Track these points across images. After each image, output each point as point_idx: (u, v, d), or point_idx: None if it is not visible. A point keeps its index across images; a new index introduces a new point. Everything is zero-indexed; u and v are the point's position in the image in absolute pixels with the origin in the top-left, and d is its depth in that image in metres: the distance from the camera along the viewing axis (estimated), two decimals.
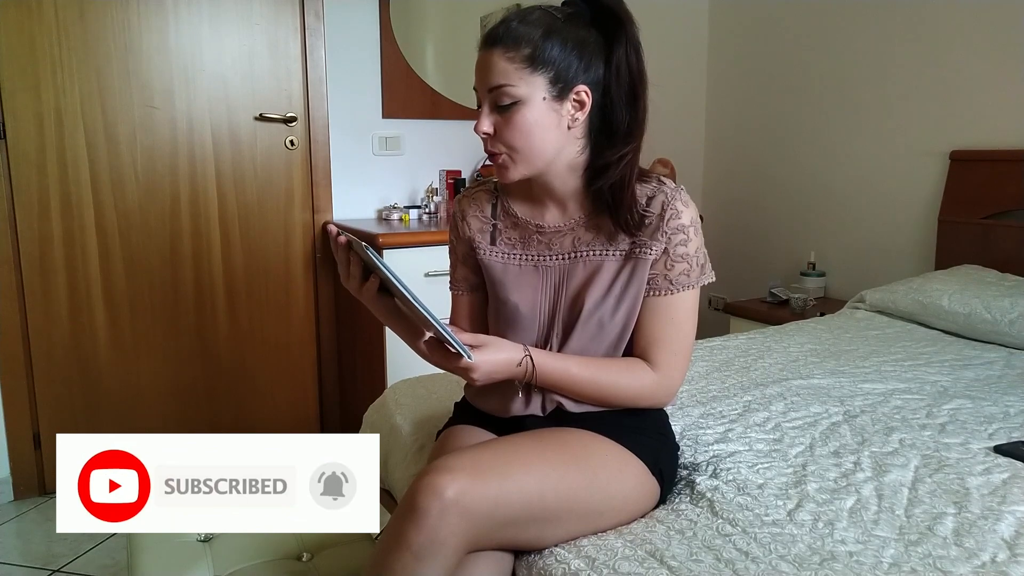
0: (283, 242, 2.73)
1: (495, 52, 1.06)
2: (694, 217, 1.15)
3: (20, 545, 2.18)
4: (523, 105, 1.06)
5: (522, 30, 1.06)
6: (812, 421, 1.47)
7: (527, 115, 1.07)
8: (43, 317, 2.40)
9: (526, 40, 1.05)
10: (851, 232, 3.03)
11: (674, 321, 1.15)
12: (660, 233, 1.12)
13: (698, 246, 1.15)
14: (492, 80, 1.06)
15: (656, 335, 1.15)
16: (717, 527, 1.07)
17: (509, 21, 1.07)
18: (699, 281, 1.16)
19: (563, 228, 1.18)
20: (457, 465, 0.97)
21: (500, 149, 1.10)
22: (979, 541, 1.02)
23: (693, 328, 1.18)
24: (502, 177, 1.14)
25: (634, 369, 1.15)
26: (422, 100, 2.90)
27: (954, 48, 2.62)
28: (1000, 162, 2.49)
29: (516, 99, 1.06)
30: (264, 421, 2.78)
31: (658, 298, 1.15)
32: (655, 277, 1.14)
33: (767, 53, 3.28)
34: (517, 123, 1.07)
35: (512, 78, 1.05)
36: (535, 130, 1.08)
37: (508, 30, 1.06)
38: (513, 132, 1.08)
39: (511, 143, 1.09)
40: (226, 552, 1.31)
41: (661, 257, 1.13)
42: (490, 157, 1.13)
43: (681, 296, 1.15)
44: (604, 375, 1.14)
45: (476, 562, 1.01)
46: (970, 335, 2.13)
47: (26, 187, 2.33)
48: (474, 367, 1.07)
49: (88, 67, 2.36)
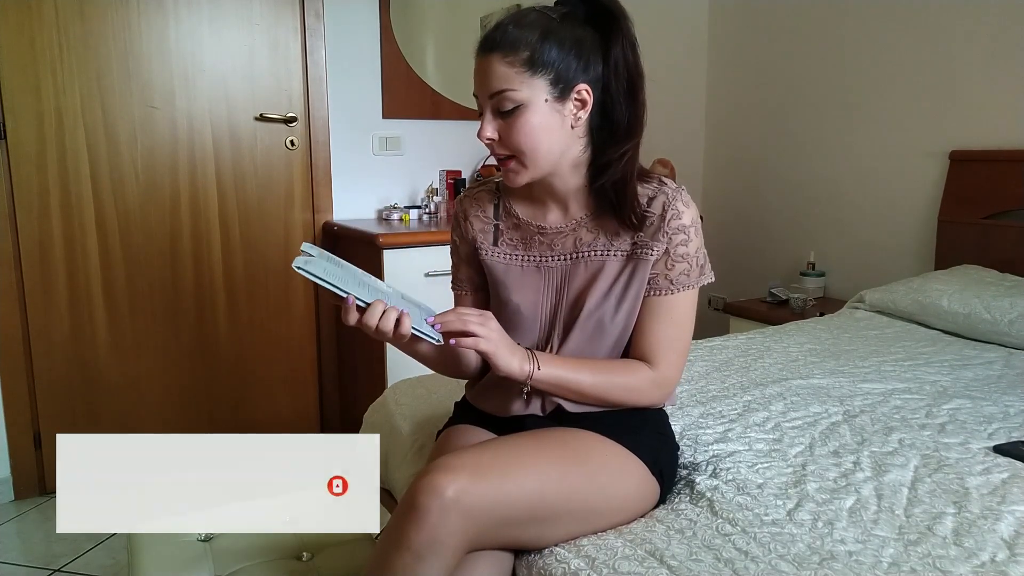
0: (283, 242, 2.73)
1: (493, 57, 1.06)
2: (695, 217, 1.15)
3: (20, 545, 2.18)
4: (526, 109, 1.06)
5: (518, 33, 1.05)
6: (812, 421, 1.47)
7: (531, 118, 1.06)
8: (43, 317, 2.40)
9: (524, 43, 1.05)
10: (851, 232, 3.03)
11: (673, 321, 1.15)
12: (661, 233, 1.12)
13: (698, 246, 1.15)
14: (493, 86, 1.06)
15: (655, 335, 1.15)
16: (717, 527, 1.07)
17: (505, 25, 1.07)
18: (699, 281, 1.16)
19: (564, 229, 1.18)
20: (457, 464, 0.97)
21: (507, 154, 1.10)
22: (979, 541, 1.02)
23: (691, 328, 1.19)
24: (512, 182, 1.13)
25: (633, 369, 1.15)
26: (422, 100, 2.90)
27: (954, 48, 2.62)
28: (1000, 162, 2.49)
29: (518, 103, 1.06)
30: (264, 421, 2.78)
31: (658, 298, 1.15)
32: (655, 277, 1.14)
33: (767, 53, 3.28)
34: (521, 127, 1.07)
35: (513, 82, 1.05)
36: (540, 133, 1.07)
37: (505, 34, 1.06)
38: (518, 136, 1.07)
39: (517, 147, 1.08)
40: (226, 552, 1.32)
41: (662, 257, 1.13)
42: (499, 162, 1.13)
43: (681, 296, 1.15)
44: (603, 377, 1.14)
45: (476, 562, 1.01)
46: (970, 335, 2.13)
47: (26, 187, 2.33)
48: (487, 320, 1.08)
49: (88, 67, 2.36)
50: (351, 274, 1.09)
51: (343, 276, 1.06)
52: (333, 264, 1.08)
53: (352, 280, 1.07)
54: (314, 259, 1.05)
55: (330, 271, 1.04)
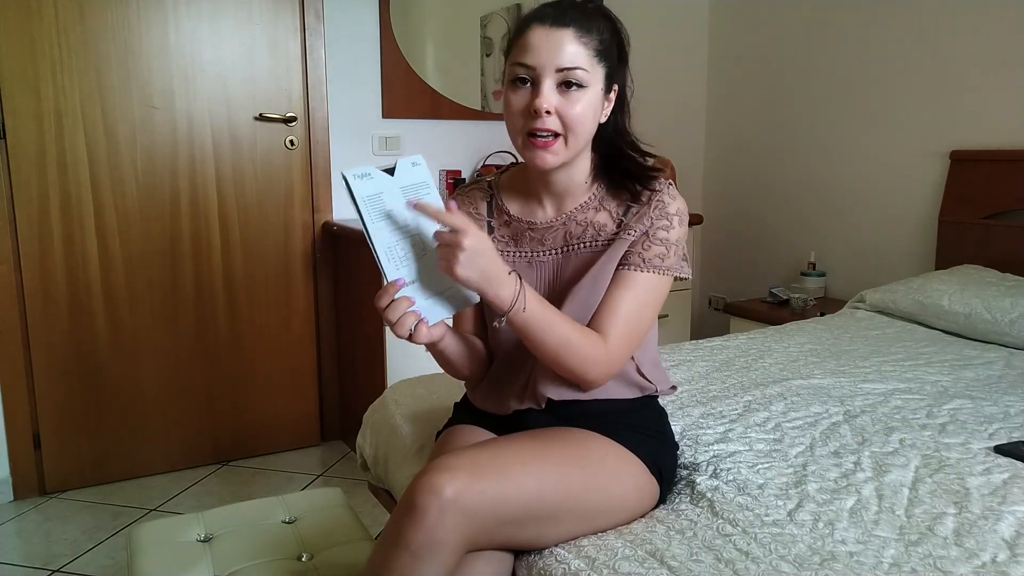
0: (283, 242, 2.73)
1: (568, 33, 1.07)
2: (680, 208, 1.16)
3: (20, 545, 2.17)
4: (587, 91, 1.09)
5: (592, 20, 1.09)
6: (812, 421, 1.47)
7: (589, 100, 1.09)
8: (43, 317, 2.40)
9: (597, 30, 1.09)
10: (851, 232, 3.03)
11: (635, 298, 1.13)
12: (645, 217, 1.14)
13: (679, 237, 1.16)
14: (565, 60, 1.07)
15: (614, 308, 1.12)
16: (717, 527, 1.07)
17: (575, 7, 1.10)
18: (672, 269, 1.15)
19: (555, 224, 1.19)
20: (456, 464, 0.96)
21: (557, 129, 1.09)
22: (979, 541, 1.02)
23: (651, 317, 1.16)
24: (544, 163, 1.11)
25: (588, 335, 1.11)
26: (422, 100, 2.90)
27: (954, 48, 2.62)
28: (1000, 162, 2.49)
29: (584, 84, 1.08)
30: (264, 422, 2.78)
31: (626, 271, 1.14)
32: (629, 253, 1.14)
33: (767, 53, 3.28)
34: (581, 106, 1.08)
35: (585, 63, 1.08)
36: (590, 116, 1.10)
37: (582, 15, 1.08)
38: (575, 114, 1.08)
39: (570, 125, 1.09)
40: (226, 552, 1.32)
41: (640, 238, 1.14)
42: (530, 139, 1.09)
43: (649, 277, 1.14)
44: (573, 333, 1.09)
45: (476, 562, 1.00)
46: (970, 335, 2.13)
47: (26, 187, 2.33)
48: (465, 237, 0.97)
49: (88, 67, 2.36)
50: (399, 216, 0.99)
51: (389, 218, 0.98)
52: (389, 195, 0.99)
53: (392, 230, 0.99)
54: (372, 179, 0.97)
55: (374, 206, 0.97)
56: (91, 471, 2.53)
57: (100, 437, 2.52)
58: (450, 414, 1.34)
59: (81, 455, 2.51)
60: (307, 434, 2.88)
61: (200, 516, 1.44)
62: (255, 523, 1.42)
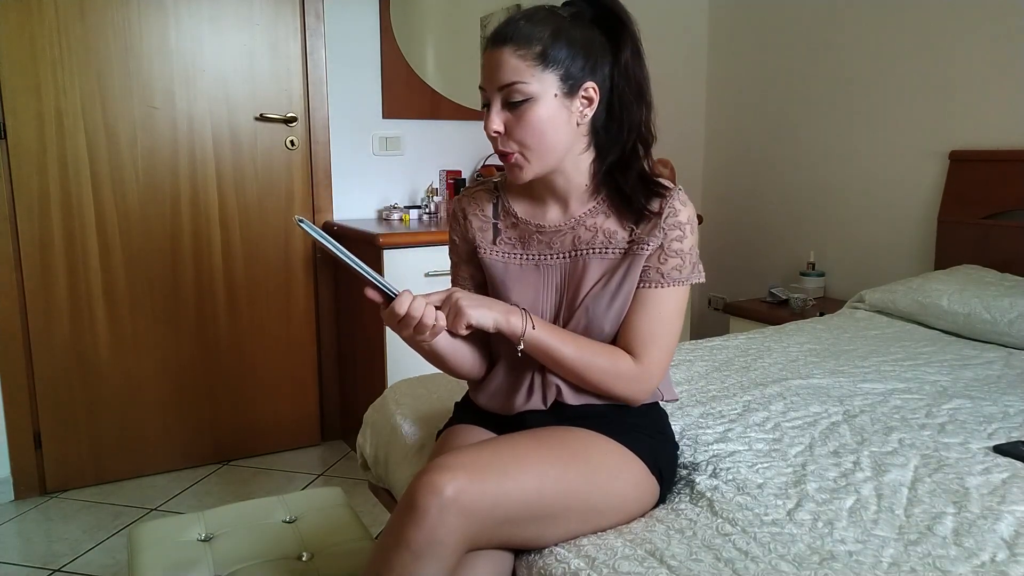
0: (283, 242, 2.73)
1: (505, 50, 1.07)
2: (691, 216, 1.16)
3: (20, 545, 2.18)
4: (535, 102, 1.07)
5: (531, 29, 1.07)
6: (812, 421, 1.47)
7: (540, 112, 1.07)
8: (43, 317, 2.40)
9: (536, 38, 1.06)
10: (851, 232, 3.03)
11: (660, 316, 1.15)
12: (658, 229, 1.14)
13: (692, 244, 1.16)
14: (503, 78, 1.07)
15: (642, 328, 1.15)
16: (717, 527, 1.07)
17: (516, 20, 1.08)
18: (689, 278, 1.17)
19: (563, 227, 1.18)
20: (456, 464, 0.97)
21: (512, 148, 1.10)
22: (978, 541, 1.02)
23: (679, 327, 1.18)
24: (516, 177, 1.13)
25: (615, 356, 1.14)
26: (422, 100, 2.90)
27: (954, 48, 2.62)
28: (1000, 162, 2.49)
29: (528, 96, 1.07)
30: (264, 422, 2.78)
31: (647, 290, 1.15)
32: (647, 270, 1.15)
33: (767, 53, 3.28)
34: (530, 120, 1.07)
35: (524, 75, 1.06)
36: (547, 127, 1.08)
37: (517, 28, 1.07)
38: (526, 129, 1.08)
39: (524, 141, 1.09)
40: (226, 552, 1.32)
41: (656, 251, 1.14)
42: (502, 158, 1.13)
43: (670, 291, 1.15)
44: (586, 353, 1.13)
45: (476, 561, 1.01)
46: (969, 335, 2.13)
47: (26, 187, 2.33)
48: (455, 292, 1.08)
49: (88, 67, 2.37)
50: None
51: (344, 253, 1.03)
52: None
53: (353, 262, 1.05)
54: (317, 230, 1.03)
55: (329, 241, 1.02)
56: (92, 471, 2.53)
57: (101, 437, 2.53)
58: (450, 414, 1.34)
59: (82, 455, 2.51)
60: (307, 434, 2.88)
61: (200, 516, 1.44)
62: (255, 523, 1.42)
